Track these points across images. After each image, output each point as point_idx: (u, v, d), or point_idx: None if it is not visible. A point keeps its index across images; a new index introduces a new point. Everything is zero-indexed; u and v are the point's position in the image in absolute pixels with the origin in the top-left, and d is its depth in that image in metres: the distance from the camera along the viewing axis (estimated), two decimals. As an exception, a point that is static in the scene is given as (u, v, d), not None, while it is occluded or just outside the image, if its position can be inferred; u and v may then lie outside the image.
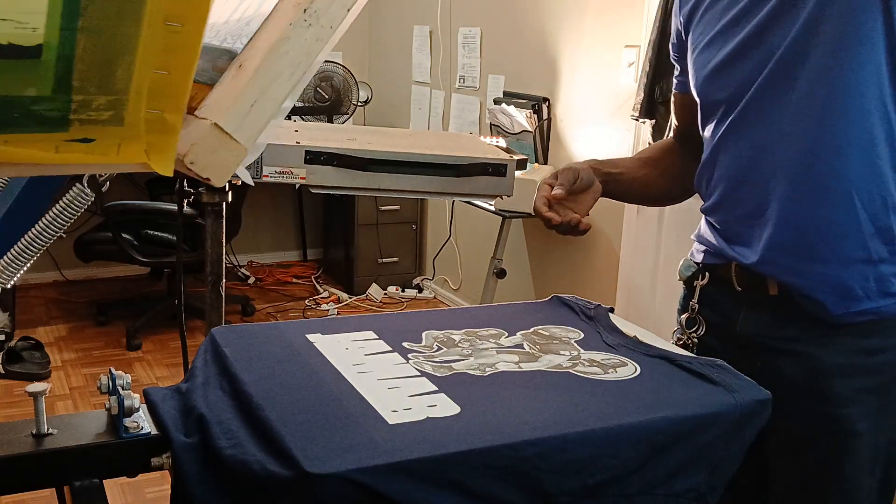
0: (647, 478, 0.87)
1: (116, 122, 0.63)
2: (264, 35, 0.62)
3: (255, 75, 0.61)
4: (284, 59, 0.62)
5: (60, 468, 0.85)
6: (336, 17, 0.63)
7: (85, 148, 0.63)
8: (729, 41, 1.14)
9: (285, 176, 1.63)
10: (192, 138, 0.60)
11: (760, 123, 1.12)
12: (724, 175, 1.18)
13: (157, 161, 0.64)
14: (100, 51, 0.59)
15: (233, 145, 0.60)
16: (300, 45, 0.62)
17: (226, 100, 0.61)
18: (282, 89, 0.62)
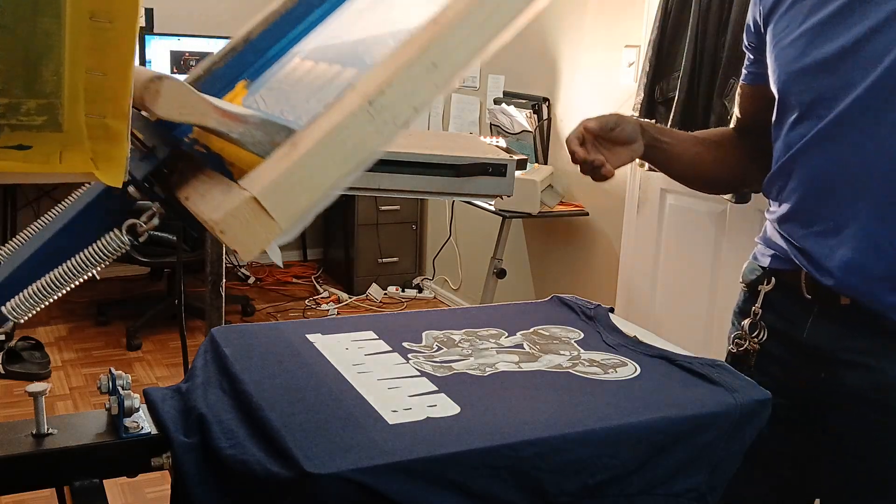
0: (647, 478, 0.87)
1: (53, 127, 0.62)
2: (325, 118, 0.61)
3: (305, 157, 0.60)
4: (339, 148, 0.61)
5: (60, 468, 0.85)
6: (401, 115, 0.62)
7: (22, 156, 0.62)
8: (824, 42, 1.08)
9: (285, 176, 1.62)
10: (228, 207, 0.59)
11: (853, 137, 1.06)
12: (802, 186, 1.13)
13: (106, 171, 0.63)
14: (19, 49, 0.57)
15: (268, 222, 0.59)
16: (358, 136, 0.61)
17: (270, 175, 0.60)
18: (331, 176, 0.61)
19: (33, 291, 0.74)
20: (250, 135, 0.65)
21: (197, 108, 0.63)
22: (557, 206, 3.30)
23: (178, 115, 0.62)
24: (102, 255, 0.75)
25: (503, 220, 3.24)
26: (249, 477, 0.78)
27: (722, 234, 2.69)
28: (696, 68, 2.61)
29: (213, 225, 0.59)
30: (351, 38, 0.88)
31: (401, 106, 0.61)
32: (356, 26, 0.91)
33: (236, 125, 0.64)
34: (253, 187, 0.59)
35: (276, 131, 0.65)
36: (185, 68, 4.39)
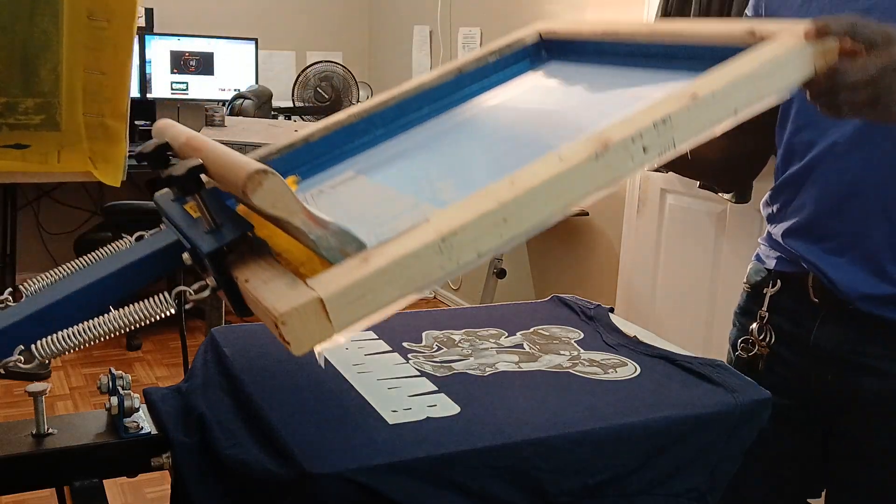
0: (647, 478, 0.87)
1: (51, 126, 0.63)
2: (399, 242, 0.66)
3: (375, 274, 0.64)
4: (406, 272, 0.65)
5: (60, 468, 0.85)
6: (464, 256, 0.66)
7: (20, 155, 0.63)
8: None
9: (285, 176, 1.62)
10: (294, 303, 0.62)
11: (867, 151, 1.05)
12: (812, 202, 1.11)
13: (104, 170, 0.64)
14: (17, 48, 0.58)
15: (325, 325, 0.63)
16: (425, 266, 0.65)
17: (339, 282, 0.63)
18: (391, 296, 0.65)
19: (67, 336, 0.76)
20: (326, 240, 0.68)
21: (289, 205, 0.67)
22: (557, 206, 3.30)
23: (271, 207, 0.66)
24: (145, 315, 0.77)
25: (503, 220, 3.24)
26: (249, 477, 0.78)
27: (722, 234, 2.69)
28: (696, 68, 2.60)
29: (276, 316, 0.62)
30: (407, 166, 0.95)
31: (467, 248, 0.67)
32: (410, 155, 0.98)
33: (317, 228, 0.68)
34: (321, 289, 0.63)
35: (348, 241, 0.68)
36: (184, 68, 4.39)
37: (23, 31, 0.56)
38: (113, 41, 0.60)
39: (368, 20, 5.01)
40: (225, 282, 0.74)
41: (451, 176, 0.85)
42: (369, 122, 1.02)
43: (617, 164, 0.71)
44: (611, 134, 0.71)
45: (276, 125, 1.96)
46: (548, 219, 0.69)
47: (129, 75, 0.64)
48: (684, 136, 0.74)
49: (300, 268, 0.70)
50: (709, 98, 0.74)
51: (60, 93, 0.60)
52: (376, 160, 0.97)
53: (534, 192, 0.68)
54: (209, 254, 0.73)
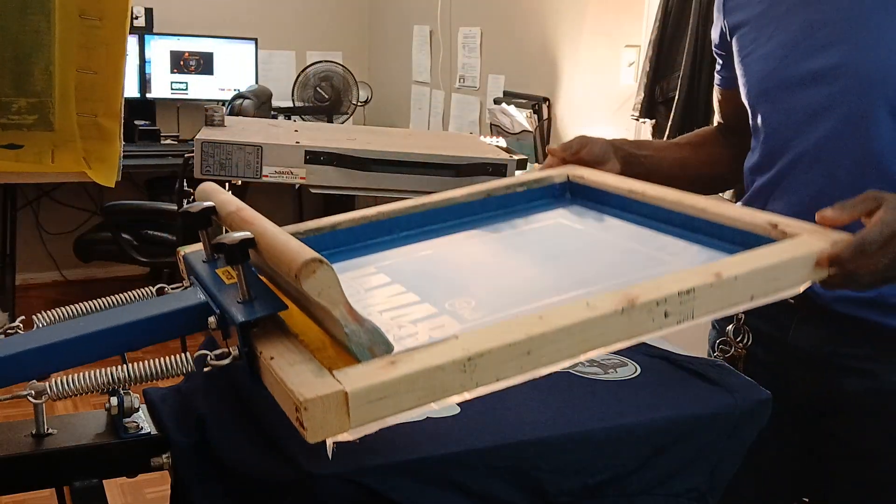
0: (647, 478, 0.87)
1: (44, 126, 0.63)
2: (426, 352, 0.69)
3: (401, 379, 0.66)
4: (428, 383, 0.67)
5: (60, 468, 0.85)
6: (485, 379, 0.69)
7: (14, 155, 0.63)
8: (797, 61, 1.09)
9: (285, 176, 1.63)
10: (320, 392, 0.64)
11: (830, 166, 1.06)
12: (783, 212, 1.09)
13: (98, 171, 0.64)
14: (8, 47, 0.58)
15: (343, 420, 0.65)
16: (447, 381, 0.68)
17: (366, 380, 0.66)
18: (410, 403, 0.67)
19: (81, 380, 0.76)
20: (358, 335, 0.70)
21: (334, 296, 0.69)
22: (557, 206, 3.30)
23: (317, 295, 0.69)
24: (162, 372, 0.77)
25: (503, 220, 3.24)
26: (249, 477, 0.78)
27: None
28: (696, 68, 2.61)
29: (300, 401, 0.64)
30: (428, 274, 0.99)
31: (489, 372, 0.70)
32: (431, 263, 1.03)
33: (353, 323, 0.70)
34: (347, 383, 0.65)
35: (378, 342, 0.71)
36: (184, 68, 4.39)
37: (14, 30, 0.55)
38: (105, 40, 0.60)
39: (368, 20, 5.01)
40: (247, 354, 0.75)
41: (471, 295, 0.89)
42: (395, 222, 1.07)
43: (639, 323, 0.75)
44: (638, 293, 0.76)
45: (276, 125, 1.96)
46: (565, 360, 0.73)
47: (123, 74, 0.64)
48: (703, 310, 0.79)
49: (315, 353, 0.73)
50: (731, 280, 0.79)
51: (53, 92, 0.60)
52: (398, 261, 1.01)
53: (561, 331, 0.72)
54: (241, 325, 0.75)
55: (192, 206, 0.89)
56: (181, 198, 1.81)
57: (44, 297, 4.22)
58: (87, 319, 0.84)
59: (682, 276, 0.79)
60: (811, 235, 0.86)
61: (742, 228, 0.93)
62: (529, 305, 0.83)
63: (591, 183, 1.15)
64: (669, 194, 1.04)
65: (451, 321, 0.83)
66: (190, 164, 1.59)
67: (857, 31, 1.03)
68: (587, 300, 0.75)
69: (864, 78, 1.02)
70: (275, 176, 1.61)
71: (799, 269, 0.83)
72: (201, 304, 0.82)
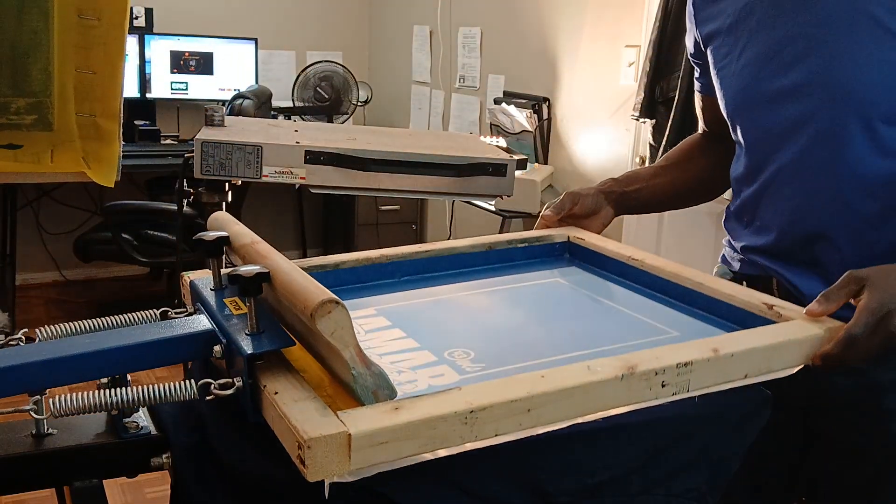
0: (647, 478, 0.87)
1: (43, 126, 0.62)
2: (430, 401, 0.71)
3: (403, 426, 0.68)
4: (429, 431, 0.69)
5: (60, 468, 0.85)
6: (484, 430, 0.72)
7: (13, 155, 0.63)
8: (771, 76, 1.09)
9: (285, 176, 1.63)
10: (325, 431, 0.66)
11: (808, 181, 1.07)
12: (768, 224, 1.14)
13: (97, 170, 0.64)
14: (6, 47, 0.58)
15: (344, 461, 0.66)
16: (448, 430, 0.70)
17: (370, 423, 0.67)
18: (409, 450, 0.69)
19: (84, 399, 0.76)
20: (365, 378, 0.72)
21: (346, 338, 0.71)
22: (557, 206, 3.30)
23: (329, 335, 0.70)
24: (167, 397, 0.78)
25: (503, 220, 3.24)
26: (249, 477, 0.78)
27: (722, 234, 2.69)
28: (696, 68, 2.60)
29: (304, 439, 0.65)
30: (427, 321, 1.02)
31: (489, 426, 0.72)
32: (432, 311, 1.05)
33: (361, 366, 0.72)
34: (352, 425, 0.67)
35: (383, 386, 0.72)
36: (184, 68, 4.39)
37: (11, 30, 0.55)
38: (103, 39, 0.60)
39: (368, 20, 5.01)
40: (251, 386, 0.76)
41: (470, 346, 0.92)
42: (398, 266, 1.11)
43: (637, 390, 0.78)
44: (638, 361, 0.79)
45: (276, 125, 1.96)
46: (562, 420, 0.75)
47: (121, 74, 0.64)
48: (698, 383, 0.82)
49: (315, 390, 0.74)
50: (727, 357, 0.82)
51: (52, 92, 0.60)
52: (399, 305, 1.04)
53: (562, 392, 0.74)
54: (249, 357, 0.75)
55: (206, 234, 0.90)
56: (181, 198, 1.81)
57: (44, 297, 4.22)
58: (92, 337, 0.85)
59: (680, 349, 0.82)
60: (806, 319, 0.90)
61: (737, 306, 0.97)
62: (528, 363, 0.86)
63: (591, 246, 1.18)
64: (668, 265, 1.07)
65: (451, 371, 0.86)
66: (190, 164, 1.59)
67: (827, 46, 1.03)
68: (588, 364, 0.77)
69: (835, 93, 1.03)
70: (275, 176, 1.61)
71: (793, 353, 0.86)
72: (208, 333, 0.83)
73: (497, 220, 3.29)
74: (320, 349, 0.76)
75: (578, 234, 1.21)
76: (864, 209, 1.05)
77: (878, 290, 0.88)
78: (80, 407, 0.76)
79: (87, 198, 4.25)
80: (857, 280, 0.91)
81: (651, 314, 1.02)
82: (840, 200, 1.05)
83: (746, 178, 1.17)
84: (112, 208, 3.58)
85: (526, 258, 1.20)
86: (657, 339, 0.94)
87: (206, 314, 0.87)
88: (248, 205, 4.03)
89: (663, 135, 2.71)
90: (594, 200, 1.22)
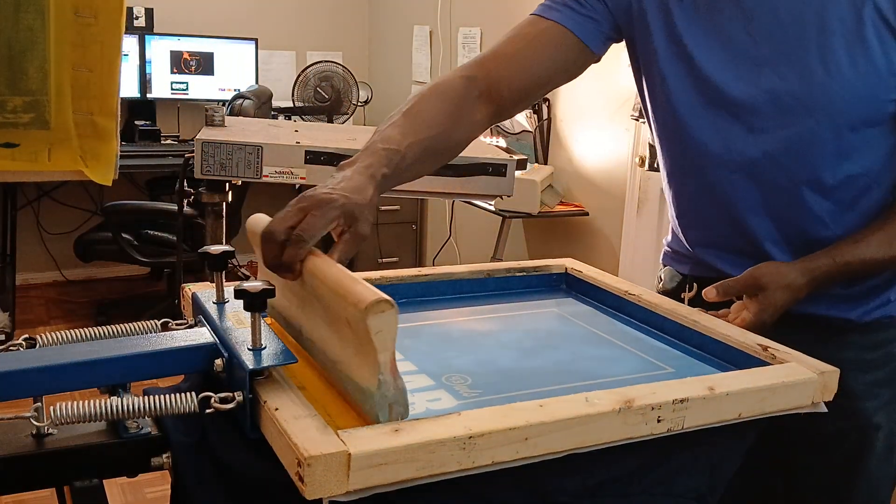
0: (647, 478, 0.87)
1: (40, 125, 0.62)
2: (430, 425, 0.71)
3: (402, 448, 0.68)
4: (428, 455, 0.70)
5: (60, 468, 0.85)
6: (481, 458, 0.72)
7: (10, 154, 0.63)
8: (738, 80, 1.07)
9: (285, 176, 1.63)
10: (323, 449, 0.66)
11: (762, 183, 1.09)
12: (716, 221, 1.14)
13: (95, 169, 0.64)
14: (2, 45, 0.58)
15: (343, 480, 0.66)
16: (447, 456, 0.70)
17: (370, 444, 0.67)
18: (405, 473, 0.69)
19: (85, 407, 0.77)
20: (387, 387, 0.72)
21: (387, 342, 0.71)
22: (557, 206, 3.30)
23: (375, 333, 0.70)
24: (167, 409, 0.78)
25: (503, 220, 3.24)
26: (249, 477, 0.78)
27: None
28: (696, 68, 2.60)
29: (304, 457, 0.65)
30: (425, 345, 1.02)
31: (486, 453, 0.72)
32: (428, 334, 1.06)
33: (388, 374, 0.72)
34: (352, 445, 0.67)
35: (398, 402, 0.73)
36: (184, 68, 4.39)
37: (8, 28, 0.55)
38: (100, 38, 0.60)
39: (368, 20, 5.02)
40: (251, 401, 0.76)
41: (467, 372, 0.93)
42: (396, 289, 1.11)
43: (633, 424, 0.79)
44: (635, 395, 0.80)
45: (277, 125, 1.96)
46: (559, 451, 0.76)
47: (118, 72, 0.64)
48: (693, 420, 0.83)
49: (314, 404, 0.74)
50: (722, 396, 0.83)
51: (49, 91, 0.60)
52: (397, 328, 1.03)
53: (559, 423, 0.75)
54: (250, 372, 0.75)
55: (211, 248, 0.90)
56: (181, 198, 1.81)
57: (44, 297, 4.22)
58: (93, 345, 0.85)
59: (676, 385, 0.84)
60: (800, 363, 0.92)
61: (732, 345, 0.98)
62: (524, 391, 0.87)
63: (588, 278, 1.20)
64: (663, 303, 1.09)
65: (448, 396, 0.86)
66: (190, 164, 1.59)
67: (800, 55, 1.02)
68: (586, 396, 0.78)
69: (811, 103, 1.03)
70: (275, 176, 1.61)
71: (786, 395, 0.88)
72: (210, 346, 0.83)
73: (497, 220, 3.29)
74: (347, 351, 0.76)
75: (576, 266, 1.23)
76: (819, 208, 1.07)
77: (769, 303, 1.01)
78: (80, 415, 0.77)
79: (87, 198, 4.25)
80: (756, 286, 1.01)
81: (646, 348, 1.03)
82: (797, 201, 1.06)
83: (687, 173, 1.16)
84: (112, 208, 3.58)
85: (523, 287, 1.22)
86: (652, 375, 0.95)
87: (207, 327, 0.87)
88: (248, 205, 4.03)
89: (663, 135, 2.71)
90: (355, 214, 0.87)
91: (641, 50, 1.14)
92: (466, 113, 1.07)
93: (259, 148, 1.58)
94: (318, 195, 0.84)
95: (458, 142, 1.09)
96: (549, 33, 1.10)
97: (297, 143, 1.59)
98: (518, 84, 1.11)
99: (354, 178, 0.89)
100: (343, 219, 0.84)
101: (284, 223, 0.81)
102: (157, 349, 0.82)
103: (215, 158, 1.55)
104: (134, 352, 0.81)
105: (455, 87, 1.08)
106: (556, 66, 1.12)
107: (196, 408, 0.78)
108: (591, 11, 1.11)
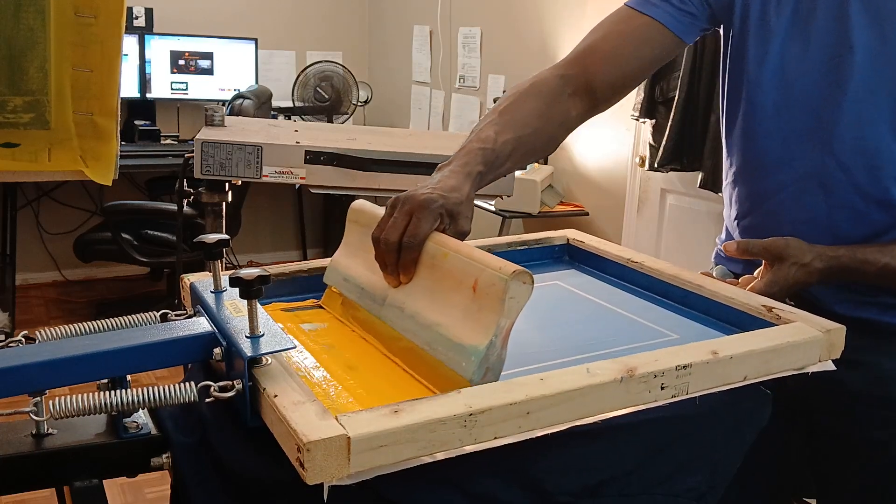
0: (647, 478, 0.87)
1: (40, 124, 0.62)
2: (430, 404, 0.71)
3: (402, 429, 0.68)
4: (428, 434, 0.69)
5: (60, 468, 0.85)
6: (483, 435, 0.72)
7: (10, 154, 0.63)
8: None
9: (285, 176, 1.63)
10: (322, 434, 0.66)
11: (814, 195, 1.07)
12: (778, 230, 1.11)
13: (95, 169, 0.64)
14: (2, 45, 0.58)
15: (343, 464, 0.66)
16: (448, 434, 0.70)
17: (369, 426, 0.67)
18: (406, 453, 0.69)
19: (84, 400, 0.76)
20: (493, 350, 0.74)
21: (513, 310, 0.74)
22: (557, 206, 3.30)
23: (507, 300, 0.74)
24: (167, 399, 0.77)
25: (503, 220, 3.24)
26: (249, 477, 0.78)
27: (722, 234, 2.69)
28: (696, 68, 2.61)
29: (303, 443, 0.65)
30: None
31: (488, 429, 0.72)
32: None
33: (500, 342, 0.74)
34: (350, 428, 0.67)
35: (494, 369, 0.75)
36: (184, 68, 4.39)
37: (8, 28, 0.55)
38: (100, 37, 0.60)
39: (368, 20, 5.02)
40: (250, 389, 0.76)
41: None
42: None
43: (636, 392, 0.78)
44: (637, 364, 0.79)
45: (276, 125, 1.96)
46: (561, 423, 0.75)
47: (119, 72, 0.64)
48: (697, 385, 0.82)
49: (314, 393, 0.74)
50: (726, 359, 0.83)
51: (49, 90, 0.60)
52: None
53: (561, 395, 0.74)
54: (249, 360, 0.75)
55: (207, 237, 0.90)
56: (181, 198, 1.81)
57: (44, 297, 4.22)
58: (92, 338, 0.85)
59: (679, 351, 0.83)
60: (805, 322, 0.91)
61: (737, 308, 0.97)
62: (528, 366, 0.86)
63: (591, 248, 1.19)
64: (667, 268, 1.08)
65: None
66: (190, 164, 1.59)
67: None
68: (588, 367, 0.78)
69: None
70: (275, 176, 1.61)
71: (792, 356, 0.87)
72: (208, 335, 0.83)
73: (497, 220, 3.29)
74: (454, 314, 0.78)
75: (578, 237, 1.22)
76: (883, 226, 1.06)
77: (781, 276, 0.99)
78: (80, 409, 0.76)
79: (87, 198, 4.25)
80: (777, 254, 1.00)
81: (650, 317, 1.02)
82: (863, 217, 1.06)
83: (757, 173, 1.15)
84: (112, 208, 3.58)
85: (526, 260, 1.20)
86: (656, 342, 0.94)
87: (206, 316, 0.87)
88: (247, 205, 4.03)
89: (663, 135, 2.71)
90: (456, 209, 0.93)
91: (733, 44, 1.13)
92: (561, 110, 1.11)
93: (259, 148, 1.58)
94: (419, 196, 0.89)
95: (553, 137, 1.12)
96: (645, 29, 1.11)
97: (297, 143, 1.59)
98: (613, 80, 1.16)
99: (452, 178, 0.94)
100: (444, 217, 0.89)
101: (396, 230, 0.87)
102: (155, 340, 0.82)
103: (215, 158, 1.55)
104: (132, 344, 0.81)
105: (550, 85, 1.12)
106: (651, 60, 1.15)
107: (195, 397, 0.77)
108: (688, 6, 1.11)
